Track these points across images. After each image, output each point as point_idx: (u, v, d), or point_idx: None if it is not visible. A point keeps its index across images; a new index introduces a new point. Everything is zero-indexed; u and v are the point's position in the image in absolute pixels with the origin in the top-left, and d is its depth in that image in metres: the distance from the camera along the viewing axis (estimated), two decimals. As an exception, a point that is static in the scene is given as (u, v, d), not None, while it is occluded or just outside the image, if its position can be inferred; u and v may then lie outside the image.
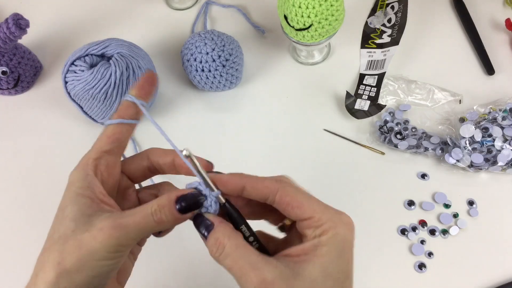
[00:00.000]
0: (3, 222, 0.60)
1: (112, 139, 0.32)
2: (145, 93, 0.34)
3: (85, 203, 0.29)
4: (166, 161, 0.34)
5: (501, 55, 0.66)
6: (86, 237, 0.27)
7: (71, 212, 0.28)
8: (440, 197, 0.57)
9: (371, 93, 0.63)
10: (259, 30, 0.71)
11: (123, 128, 0.33)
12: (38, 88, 0.70)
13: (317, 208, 0.29)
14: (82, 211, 0.28)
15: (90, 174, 0.30)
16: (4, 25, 0.58)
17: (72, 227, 0.28)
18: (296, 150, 0.62)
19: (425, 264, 0.53)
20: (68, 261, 0.27)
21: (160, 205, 0.29)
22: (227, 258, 0.28)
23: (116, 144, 0.32)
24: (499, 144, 0.55)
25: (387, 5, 0.72)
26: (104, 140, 0.32)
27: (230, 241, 0.28)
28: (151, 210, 0.28)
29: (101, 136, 0.32)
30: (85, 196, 0.29)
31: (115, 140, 0.32)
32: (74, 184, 0.30)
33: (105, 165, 0.31)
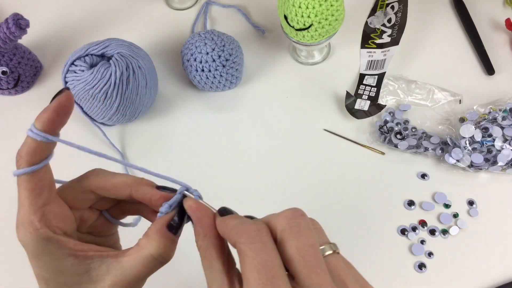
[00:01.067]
0: (3, 222, 0.60)
1: (38, 191, 0.28)
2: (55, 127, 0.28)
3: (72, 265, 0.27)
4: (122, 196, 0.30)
5: (501, 55, 0.66)
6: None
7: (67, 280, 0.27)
8: (440, 197, 0.57)
9: (371, 93, 0.63)
10: (259, 30, 0.71)
11: (40, 172, 0.28)
12: (38, 88, 0.70)
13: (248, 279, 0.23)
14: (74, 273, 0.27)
15: (52, 236, 0.27)
16: (4, 25, 0.58)
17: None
18: (296, 150, 0.62)
19: (425, 264, 0.53)
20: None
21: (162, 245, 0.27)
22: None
23: (46, 191, 0.28)
24: (499, 144, 0.55)
25: (387, 5, 0.72)
26: (31, 197, 0.28)
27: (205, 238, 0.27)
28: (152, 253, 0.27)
29: (23, 192, 0.29)
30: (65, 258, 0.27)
31: (42, 189, 0.28)
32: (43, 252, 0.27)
33: (53, 218, 0.28)
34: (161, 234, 0.28)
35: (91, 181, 0.30)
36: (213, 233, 0.27)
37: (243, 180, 0.60)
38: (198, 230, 0.27)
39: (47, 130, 0.27)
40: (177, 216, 0.28)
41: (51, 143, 0.28)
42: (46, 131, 0.27)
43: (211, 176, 0.60)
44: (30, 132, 0.27)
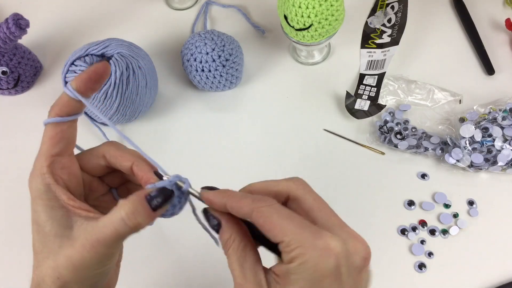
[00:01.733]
0: (3, 222, 0.60)
1: (56, 140, 0.31)
2: (88, 88, 0.31)
3: (62, 215, 0.29)
4: (124, 166, 0.32)
5: (501, 55, 0.66)
6: (73, 252, 0.28)
7: (53, 228, 0.29)
8: (440, 197, 0.57)
9: (371, 93, 0.63)
10: (259, 30, 0.71)
11: (64, 125, 0.31)
12: (38, 88, 0.70)
13: (289, 230, 0.26)
14: (62, 224, 0.29)
15: (52, 183, 0.30)
16: (4, 25, 0.58)
17: (58, 243, 0.29)
18: (296, 150, 0.62)
19: (425, 264, 0.53)
20: (66, 276, 0.28)
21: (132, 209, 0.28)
22: (229, 258, 0.29)
23: (63, 143, 0.31)
24: (499, 144, 0.55)
25: (387, 5, 0.72)
26: (48, 143, 0.30)
27: (233, 244, 0.29)
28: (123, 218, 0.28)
29: (44, 139, 0.31)
30: (58, 208, 0.29)
31: (60, 140, 0.31)
32: (41, 196, 0.29)
33: (61, 168, 0.31)
34: (137, 200, 0.29)
35: (104, 147, 0.33)
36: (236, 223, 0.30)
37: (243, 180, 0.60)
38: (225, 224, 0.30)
39: (79, 90, 0.30)
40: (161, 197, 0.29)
41: (81, 103, 0.31)
42: (78, 90, 0.30)
43: (211, 176, 0.60)
44: (66, 88, 0.30)
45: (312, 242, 0.26)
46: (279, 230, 0.26)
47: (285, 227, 0.26)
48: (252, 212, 0.28)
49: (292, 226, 0.26)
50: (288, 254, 0.26)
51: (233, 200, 0.29)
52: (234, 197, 0.29)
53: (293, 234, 0.26)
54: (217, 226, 0.30)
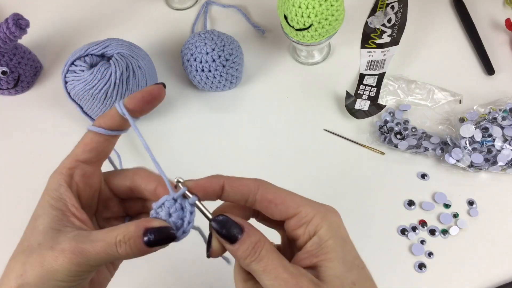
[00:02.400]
0: (3, 222, 0.60)
1: (89, 148, 0.30)
2: (137, 108, 0.30)
3: (56, 216, 0.28)
4: (149, 188, 0.31)
5: (501, 55, 0.66)
6: (49, 255, 0.26)
7: (41, 224, 0.28)
8: (440, 197, 0.57)
9: (371, 93, 0.63)
10: (259, 30, 0.71)
11: (102, 137, 0.30)
12: (38, 88, 0.70)
13: (301, 202, 0.27)
14: (51, 224, 0.28)
15: (63, 185, 0.29)
16: (4, 25, 0.58)
17: (39, 240, 0.27)
18: (296, 150, 0.62)
19: (425, 264, 0.53)
20: (29, 275, 0.26)
21: (126, 236, 0.27)
22: (262, 260, 0.26)
23: (94, 153, 0.30)
24: (499, 144, 0.55)
25: (387, 5, 0.72)
26: (80, 148, 0.30)
27: (265, 244, 0.27)
28: (116, 240, 0.27)
29: (78, 143, 0.31)
30: (57, 208, 0.28)
31: (92, 149, 0.30)
32: (49, 192, 0.29)
33: (80, 175, 0.30)
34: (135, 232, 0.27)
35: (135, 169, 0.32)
36: None
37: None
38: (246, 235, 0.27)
39: (128, 108, 0.30)
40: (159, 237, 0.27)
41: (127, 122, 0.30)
42: (127, 108, 0.30)
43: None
44: (116, 104, 0.30)
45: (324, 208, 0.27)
46: (292, 202, 0.27)
47: (296, 200, 0.27)
48: (258, 188, 0.27)
49: (302, 199, 0.27)
50: (309, 223, 0.27)
51: (232, 180, 0.28)
52: (232, 177, 0.29)
53: (306, 204, 0.27)
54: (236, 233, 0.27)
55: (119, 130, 0.31)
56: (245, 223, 0.28)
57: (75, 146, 0.31)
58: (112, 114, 0.30)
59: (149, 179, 0.31)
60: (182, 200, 0.28)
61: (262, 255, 0.26)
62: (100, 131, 0.30)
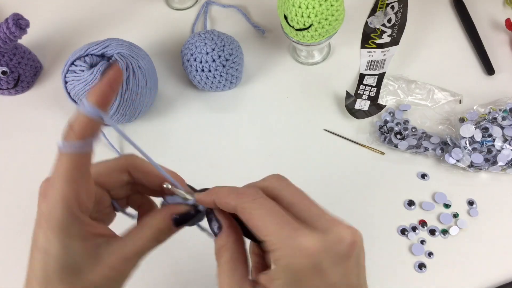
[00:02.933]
0: (3, 222, 0.60)
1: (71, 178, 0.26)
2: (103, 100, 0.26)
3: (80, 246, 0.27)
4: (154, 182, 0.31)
5: (501, 55, 0.66)
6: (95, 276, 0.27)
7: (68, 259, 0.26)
8: (440, 197, 0.57)
9: (371, 93, 0.63)
10: (259, 30, 0.71)
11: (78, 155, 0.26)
12: (38, 88, 0.70)
13: (270, 229, 0.25)
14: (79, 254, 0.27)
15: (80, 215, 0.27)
16: (4, 25, 0.58)
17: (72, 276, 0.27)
18: (296, 150, 0.62)
19: (425, 264, 0.53)
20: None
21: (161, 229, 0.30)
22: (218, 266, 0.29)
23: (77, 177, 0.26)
24: (499, 144, 0.55)
25: (387, 5, 0.72)
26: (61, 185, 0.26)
27: (226, 253, 0.29)
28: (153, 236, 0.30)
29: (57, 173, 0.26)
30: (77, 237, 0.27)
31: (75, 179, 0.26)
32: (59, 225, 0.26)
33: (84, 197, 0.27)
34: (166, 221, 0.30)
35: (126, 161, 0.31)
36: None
37: (243, 180, 0.60)
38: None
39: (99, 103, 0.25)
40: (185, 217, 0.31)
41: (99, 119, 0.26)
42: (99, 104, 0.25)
43: (211, 176, 0.60)
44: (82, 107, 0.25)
45: (290, 242, 0.25)
46: (262, 228, 0.26)
47: (267, 225, 0.26)
48: (236, 209, 0.27)
49: (273, 224, 0.25)
50: (271, 255, 0.26)
51: (219, 197, 0.29)
52: (220, 193, 0.29)
53: (274, 233, 0.25)
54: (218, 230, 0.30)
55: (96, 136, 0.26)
56: (226, 223, 0.30)
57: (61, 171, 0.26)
58: (81, 121, 0.25)
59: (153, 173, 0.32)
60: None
61: (221, 262, 0.29)
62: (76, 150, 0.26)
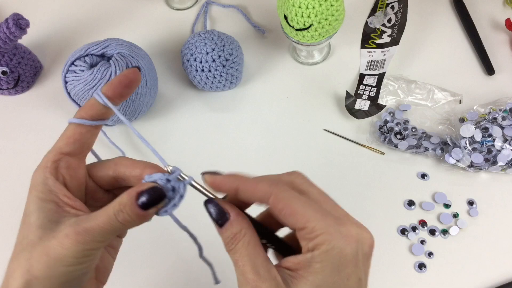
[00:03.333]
0: (3, 222, 0.60)
1: (72, 140, 0.30)
2: (116, 94, 0.30)
3: (51, 209, 0.28)
4: (134, 174, 0.31)
5: (501, 55, 0.66)
6: (53, 244, 0.27)
7: (38, 219, 0.28)
8: (440, 197, 0.57)
9: (371, 93, 0.63)
10: (259, 30, 0.71)
11: (84, 128, 0.30)
12: (38, 88, 0.70)
13: (312, 216, 0.26)
14: (48, 217, 0.28)
15: (50, 178, 0.29)
16: (4, 25, 0.58)
17: (39, 234, 0.27)
18: (296, 150, 0.62)
19: (425, 264, 0.53)
20: (36, 269, 0.27)
21: (121, 204, 0.27)
22: (236, 253, 0.27)
23: (77, 145, 0.30)
24: (499, 144, 0.55)
25: (387, 5, 0.72)
26: (63, 141, 0.30)
27: (244, 238, 0.27)
28: (113, 211, 0.27)
29: (61, 136, 0.31)
30: (49, 201, 0.28)
31: (75, 141, 0.30)
32: (36, 188, 0.29)
33: (65, 167, 0.30)
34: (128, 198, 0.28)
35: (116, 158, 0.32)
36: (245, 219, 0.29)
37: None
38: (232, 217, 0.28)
39: (107, 95, 0.30)
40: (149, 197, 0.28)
41: (107, 110, 0.30)
42: (107, 95, 0.30)
43: (211, 176, 0.60)
44: (95, 93, 0.30)
45: (336, 229, 0.26)
46: (301, 216, 0.26)
47: (308, 213, 0.26)
48: (270, 196, 0.27)
49: (314, 212, 0.26)
50: (311, 240, 0.26)
51: (247, 184, 0.28)
52: (247, 180, 0.28)
53: (317, 220, 0.26)
54: (222, 220, 0.28)
55: (101, 120, 0.31)
56: (233, 211, 0.28)
57: (58, 140, 0.30)
58: (92, 104, 0.30)
59: (133, 166, 0.31)
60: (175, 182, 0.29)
61: (238, 247, 0.27)
62: (82, 122, 0.30)
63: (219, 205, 0.28)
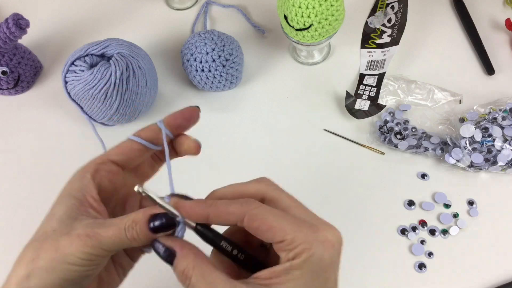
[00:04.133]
0: (3, 222, 0.60)
1: (122, 151, 0.33)
2: (175, 125, 0.34)
3: (73, 205, 0.29)
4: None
5: (501, 55, 0.66)
6: (63, 239, 0.27)
7: (58, 212, 0.29)
8: (440, 197, 0.57)
9: (371, 93, 0.63)
10: (259, 30, 0.71)
11: (136, 145, 0.33)
12: (38, 88, 0.70)
13: (288, 229, 0.27)
14: (68, 212, 0.29)
15: (87, 177, 0.30)
16: (4, 25, 0.58)
17: (54, 227, 0.28)
18: (296, 150, 0.62)
19: (425, 264, 0.53)
20: (41, 259, 0.27)
21: (134, 221, 0.28)
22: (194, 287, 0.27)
23: (125, 157, 0.33)
24: (499, 144, 0.55)
25: (387, 5, 0.72)
26: (114, 150, 0.33)
27: (194, 271, 0.27)
28: (125, 226, 0.28)
29: (114, 147, 0.33)
30: (75, 197, 0.29)
31: (125, 153, 0.33)
32: (71, 182, 0.30)
33: (106, 171, 0.32)
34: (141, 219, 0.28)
35: None
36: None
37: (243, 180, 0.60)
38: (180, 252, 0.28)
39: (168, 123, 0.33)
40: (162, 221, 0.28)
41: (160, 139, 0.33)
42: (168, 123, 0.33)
43: (211, 176, 0.60)
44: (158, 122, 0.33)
45: (314, 236, 0.27)
46: (278, 229, 0.27)
47: (284, 226, 0.27)
48: (245, 217, 0.27)
49: (290, 224, 0.27)
50: (291, 251, 0.26)
51: (218, 209, 0.28)
52: (218, 205, 0.28)
53: (294, 231, 0.26)
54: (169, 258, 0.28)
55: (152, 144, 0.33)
56: (178, 246, 0.28)
57: (110, 149, 0.33)
58: (152, 128, 0.33)
59: None
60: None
61: (192, 283, 0.27)
62: (137, 139, 0.33)
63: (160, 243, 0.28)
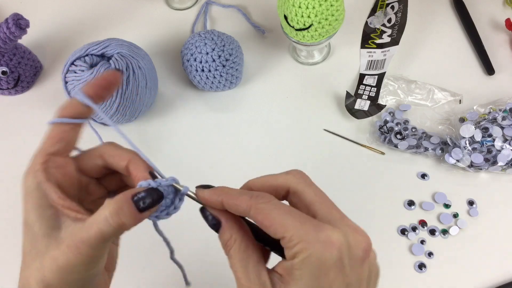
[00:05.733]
0: (3, 222, 0.60)
1: (56, 140, 0.30)
2: (96, 94, 0.31)
3: (51, 215, 0.28)
4: (120, 165, 0.31)
5: (501, 55, 0.66)
6: (58, 254, 0.27)
7: (41, 228, 0.28)
8: (440, 197, 0.57)
9: (371, 93, 0.63)
10: (259, 30, 0.71)
11: (66, 127, 0.31)
12: (38, 88, 0.70)
13: (290, 226, 0.26)
14: (50, 225, 0.28)
15: (43, 181, 0.29)
16: (4, 25, 0.58)
17: (46, 243, 0.28)
18: (296, 150, 0.62)
19: (425, 264, 0.53)
20: (50, 278, 0.27)
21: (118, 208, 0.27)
22: (230, 258, 0.29)
23: (62, 144, 0.31)
24: (499, 144, 0.55)
25: (387, 5, 0.72)
26: (48, 142, 0.30)
27: (235, 244, 0.28)
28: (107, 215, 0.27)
29: (44, 137, 0.31)
30: (47, 206, 0.29)
31: (59, 140, 0.30)
32: (32, 194, 0.29)
33: (55, 167, 0.30)
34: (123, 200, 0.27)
35: (102, 147, 0.32)
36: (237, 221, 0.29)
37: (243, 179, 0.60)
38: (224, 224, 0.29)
39: (89, 94, 0.31)
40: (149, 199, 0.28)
41: (88, 109, 0.31)
42: (89, 94, 0.31)
43: (211, 176, 0.60)
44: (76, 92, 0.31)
45: (314, 236, 0.26)
46: (280, 226, 0.26)
47: (286, 223, 0.26)
48: (250, 209, 0.27)
49: (293, 221, 0.26)
50: (291, 249, 0.26)
51: (229, 198, 0.29)
52: (230, 194, 0.29)
53: (294, 229, 0.26)
54: (216, 226, 0.29)
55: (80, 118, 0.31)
56: (223, 217, 0.29)
57: (41, 142, 0.31)
58: (73, 103, 0.31)
59: (120, 157, 0.31)
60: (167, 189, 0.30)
61: (231, 253, 0.29)
62: (64, 120, 0.30)
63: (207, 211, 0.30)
